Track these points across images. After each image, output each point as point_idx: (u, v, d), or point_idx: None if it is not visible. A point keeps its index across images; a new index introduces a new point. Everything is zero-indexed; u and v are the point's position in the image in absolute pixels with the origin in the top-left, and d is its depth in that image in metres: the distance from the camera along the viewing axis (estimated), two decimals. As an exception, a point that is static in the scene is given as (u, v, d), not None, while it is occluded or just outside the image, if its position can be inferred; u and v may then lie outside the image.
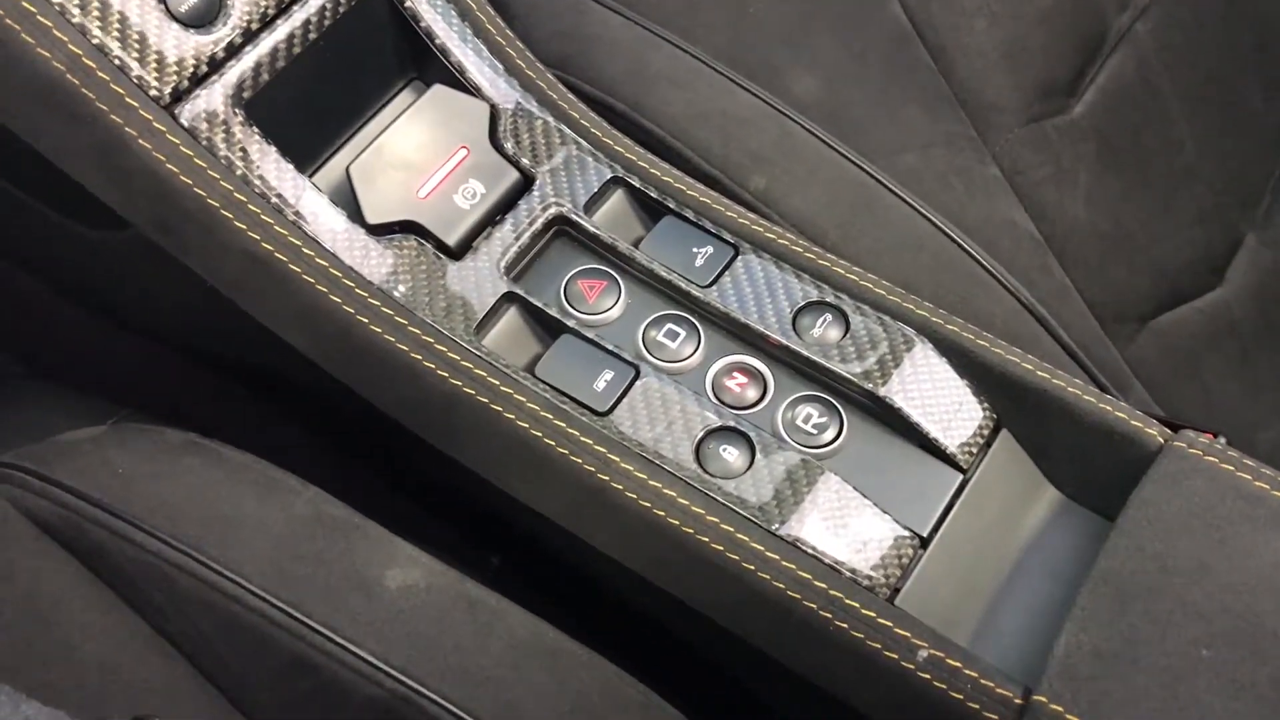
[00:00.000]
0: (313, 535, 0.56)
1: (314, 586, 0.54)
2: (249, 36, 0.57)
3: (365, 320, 0.55)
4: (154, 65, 0.55)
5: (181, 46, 0.55)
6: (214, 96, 0.56)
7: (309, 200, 0.56)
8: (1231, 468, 0.50)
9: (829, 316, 0.56)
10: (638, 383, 0.54)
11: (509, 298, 0.57)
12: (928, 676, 0.47)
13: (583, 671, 0.54)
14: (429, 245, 0.57)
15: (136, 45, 0.54)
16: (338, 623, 0.53)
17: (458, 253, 0.57)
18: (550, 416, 0.53)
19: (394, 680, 0.52)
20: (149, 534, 0.55)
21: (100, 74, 0.53)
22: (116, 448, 0.60)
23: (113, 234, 0.66)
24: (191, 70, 0.55)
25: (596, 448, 0.52)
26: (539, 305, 0.56)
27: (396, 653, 0.52)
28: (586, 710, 0.53)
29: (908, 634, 0.48)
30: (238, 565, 0.54)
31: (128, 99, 0.54)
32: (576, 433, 0.53)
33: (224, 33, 0.56)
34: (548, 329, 0.57)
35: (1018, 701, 0.46)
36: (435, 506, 0.77)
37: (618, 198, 0.61)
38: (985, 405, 0.55)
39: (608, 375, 0.54)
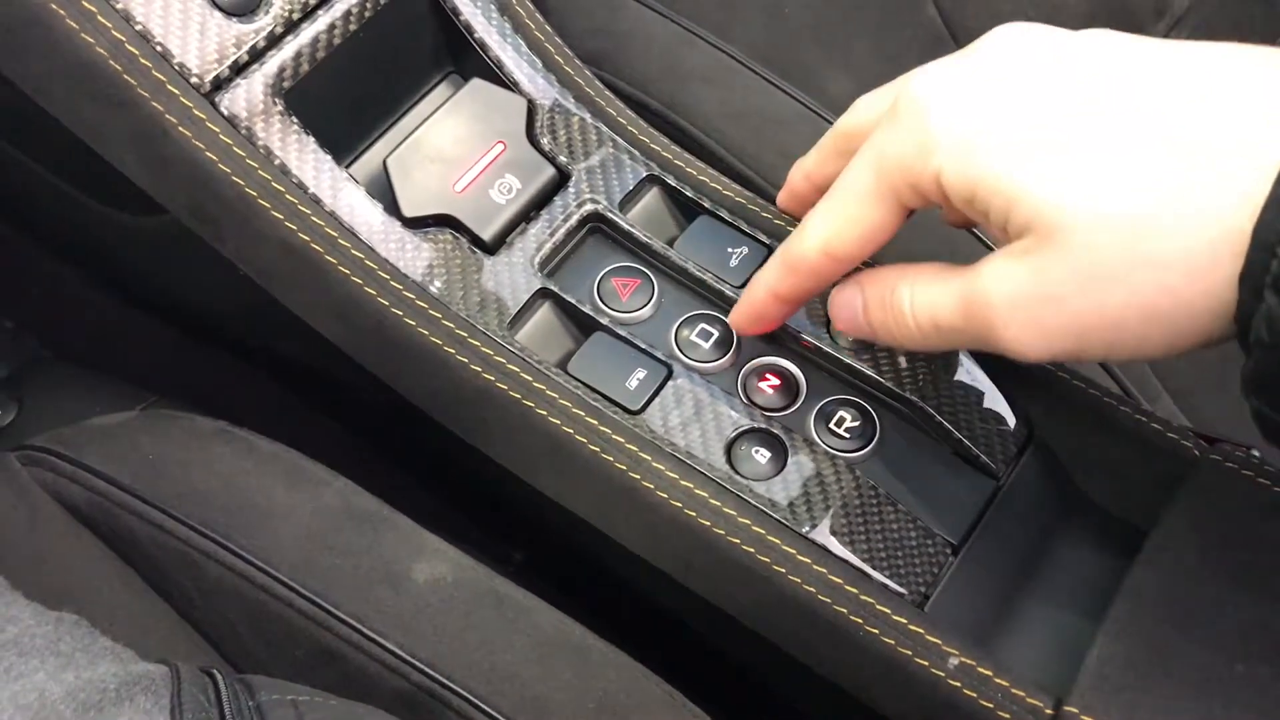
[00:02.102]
0: (341, 526, 0.56)
1: (342, 577, 0.54)
2: (290, 26, 0.57)
3: (399, 313, 0.55)
4: (195, 53, 0.55)
5: (223, 35, 0.55)
6: (254, 86, 0.56)
7: (346, 191, 0.56)
8: (1268, 482, 0.50)
9: None
10: (670, 382, 0.54)
11: (542, 294, 0.57)
12: (958, 684, 0.47)
13: (609, 670, 0.54)
14: (464, 239, 0.57)
15: (179, 32, 0.54)
16: (365, 614, 0.53)
17: (492, 247, 0.57)
18: (582, 414, 0.53)
19: (420, 673, 0.52)
20: (178, 520, 0.55)
21: (142, 60, 0.53)
22: (147, 433, 0.60)
23: (146, 220, 0.66)
24: (232, 59, 0.55)
25: (628, 446, 0.52)
26: (572, 302, 0.56)
27: (423, 646, 0.52)
28: (613, 708, 0.52)
29: (939, 641, 0.47)
30: (266, 554, 0.54)
31: (169, 86, 0.54)
32: (608, 431, 0.53)
33: (265, 22, 0.56)
34: (580, 326, 0.57)
35: (1048, 711, 0.46)
36: (459, 501, 0.77)
37: (653, 196, 0.60)
38: (1020, 413, 0.54)
39: (640, 374, 0.54)
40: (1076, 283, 0.39)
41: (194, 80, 0.55)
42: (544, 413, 0.53)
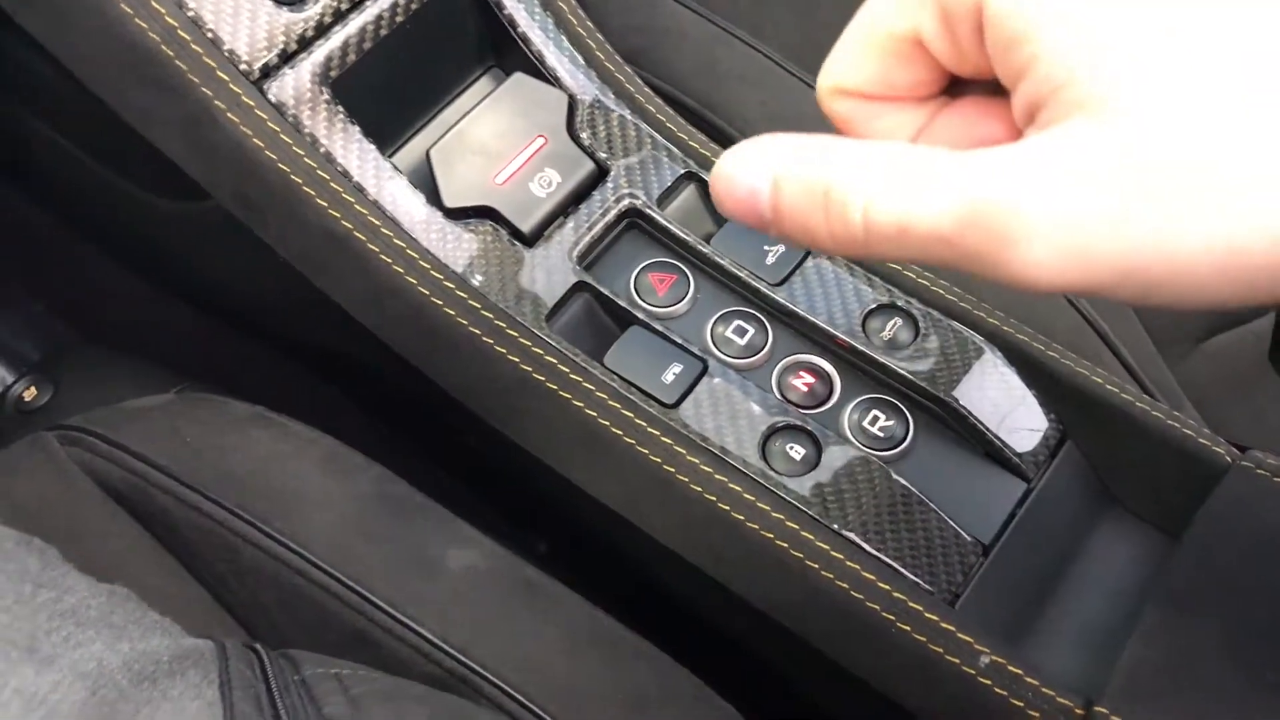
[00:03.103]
0: (377, 513, 0.56)
1: (376, 563, 0.55)
2: (338, 16, 0.58)
3: (439, 302, 0.55)
4: (245, 40, 0.55)
5: (273, 23, 0.56)
6: (302, 74, 0.57)
7: (389, 181, 0.57)
8: None
9: (899, 320, 0.56)
10: (705, 377, 0.55)
11: (580, 287, 0.57)
12: (989, 682, 0.47)
13: (640, 662, 0.54)
14: (503, 231, 0.58)
15: (230, 20, 0.55)
16: (399, 600, 0.53)
17: (531, 240, 0.58)
18: (618, 406, 0.53)
19: (453, 660, 0.52)
20: (215, 503, 0.56)
21: (194, 46, 0.54)
22: (185, 416, 0.60)
23: (186, 206, 0.67)
24: (281, 47, 0.56)
25: (663, 439, 0.53)
26: (609, 295, 0.57)
27: (456, 633, 0.53)
28: (642, 701, 0.53)
29: (970, 639, 0.48)
30: (302, 538, 0.55)
31: (219, 72, 0.54)
32: (644, 423, 0.53)
33: (314, 11, 0.57)
34: (617, 319, 0.57)
35: (1079, 712, 0.46)
36: (485, 492, 0.78)
37: (690, 192, 0.61)
38: (1052, 416, 0.55)
39: (676, 368, 0.55)
40: (1160, 199, 0.28)
41: (243, 67, 0.55)
42: (580, 404, 0.54)
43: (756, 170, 0.34)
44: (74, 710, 0.34)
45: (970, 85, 0.36)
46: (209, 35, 0.55)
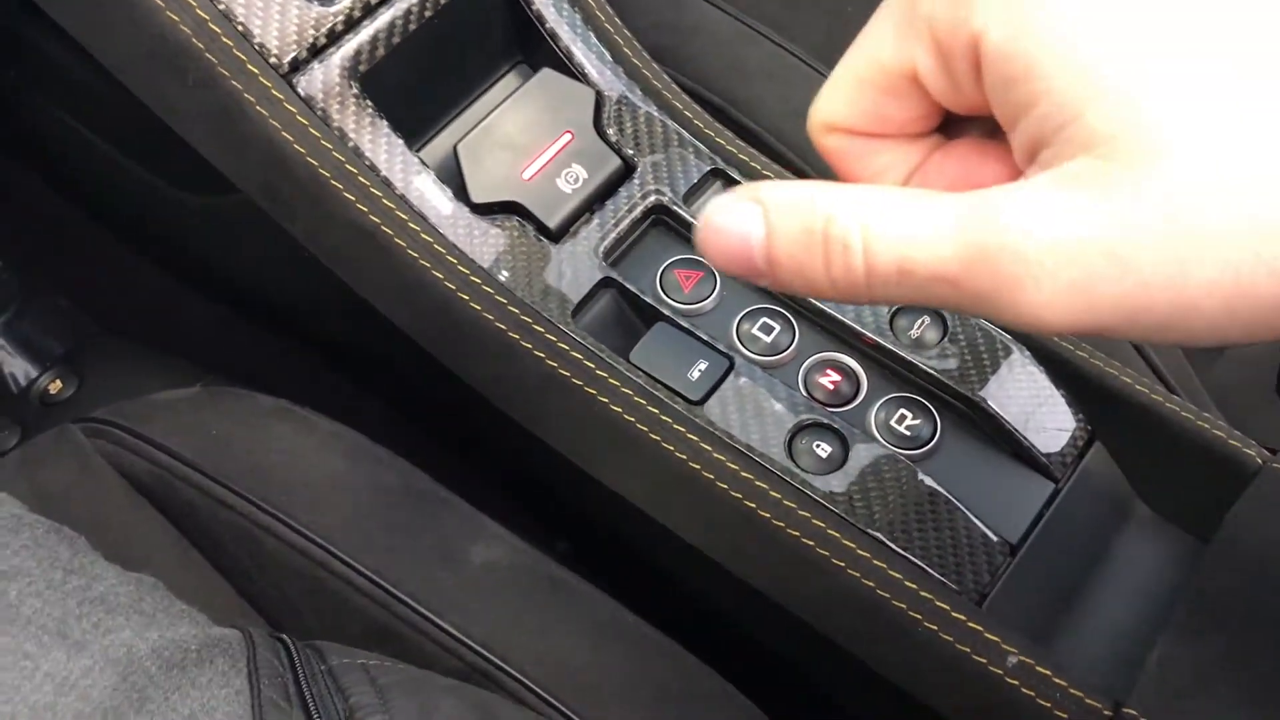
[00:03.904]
0: (401, 506, 0.57)
1: (400, 556, 0.55)
2: (367, 10, 0.58)
3: (466, 297, 0.55)
4: (275, 34, 0.55)
5: (303, 17, 0.56)
6: (331, 68, 0.57)
7: (416, 176, 0.57)
8: None
9: (927, 319, 0.56)
10: (731, 374, 0.54)
11: (606, 283, 0.57)
12: (1016, 682, 0.47)
13: (663, 659, 0.54)
14: (530, 227, 0.58)
15: (260, 13, 0.55)
16: (422, 593, 0.53)
17: (557, 236, 0.58)
18: (644, 403, 0.53)
19: (475, 654, 0.52)
20: (239, 495, 0.56)
21: (224, 39, 0.54)
22: (209, 409, 0.61)
23: (212, 200, 0.67)
24: (311, 40, 0.56)
25: (689, 436, 0.52)
26: (635, 292, 0.57)
27: (479, 627, 0.53)
28: (665, 697, 0.53)
29: (998, 639, 0.47)
30: (326, 531, 0.55)
31: (249, 65, 0.54)
32: (670, 420, 0.53)
33: (344, 5, 0.57)
34: (643, 316, 0.57)
35: (1107, 713, 0.46)
36: (506, 488, 0.78)
37: (716, 189, 0.61)
38: (1080, 416, 0.54)
39: (702, 365, 0.55)
40: (1166, 238, 0.27)
41: (273, 60, 0.55)
42: (606, 400, 0.54)
43: (748, 217, 0.32)
44: (104, 695, 0.34)
45: (965, 124, 0.35)
46: (239, 28, 0.55)
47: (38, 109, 0.75)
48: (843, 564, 0.50)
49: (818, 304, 0.56)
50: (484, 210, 0.58)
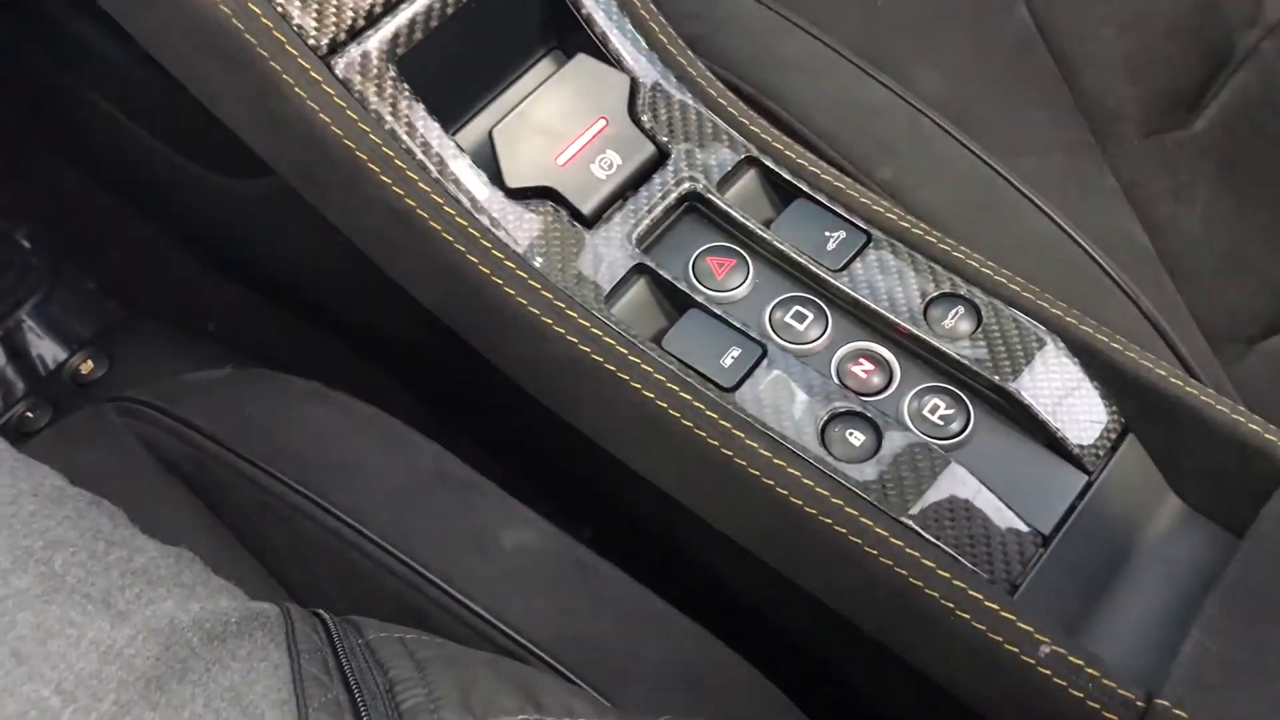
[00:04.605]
0: (433, 490, 0.57)
1: (432, 540, 0.55)
2: None
3: (499, 281, 0.55)
4: (314, 15, 0.56)
5: None
6: (369, 50, 0.57)
7: (452, 160, 0.57)
8: None
9: (961, 309, 0.56)
10: (764, 361, 0.54)
11: (639, 269, 0.57)
12: (1048, 672, 0.47)
13: (693, 644, 0.54)
14: (564, 212, 0.58)
15: None
16: (453, 576, 0.53)
17: (591, 222, 0.58)
18: (676, 389, 0.53)
19: (505, 637, 0.52)
20: (272, 476, 0.56)
21: (263, 20, 0.54)
22: (243, 391, 0.61)
23: (245, 183, 0.67)
24: (350, 22, 0.56)
25: (722, 423, 0.52)
26: (668, 278, 0.57)
27: (509, 611, 0.53)
28: (694, 683, 0.53)
29: (1030, 628, 0.47)
30: (358, 513, 0.55)
31: (287, 46, 0.55)
32: (702, 407, 0.53)
33: None
34: (675, 303, 0.57)
35: (1139, 704, 0.45)
36: (532, 475, 0.78)
37: (750, 177, 0.61)
38: (1113, 409, 0.54)
39: (734, 352, 0.55)
40: None
41: (311, 42, 0.56)
42: (638, 386, 0.54)
43: None
44: (148, 665, 0.34)
45: None
46: (278, 9, 0.55)
47: (69, 92, 0.76)
48: (875, 552, 0.49)
49: (851, 292, 0.56)
50: (519, 195, 0.58)
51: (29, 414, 0.84)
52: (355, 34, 0.57)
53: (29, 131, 0.87)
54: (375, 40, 0.57)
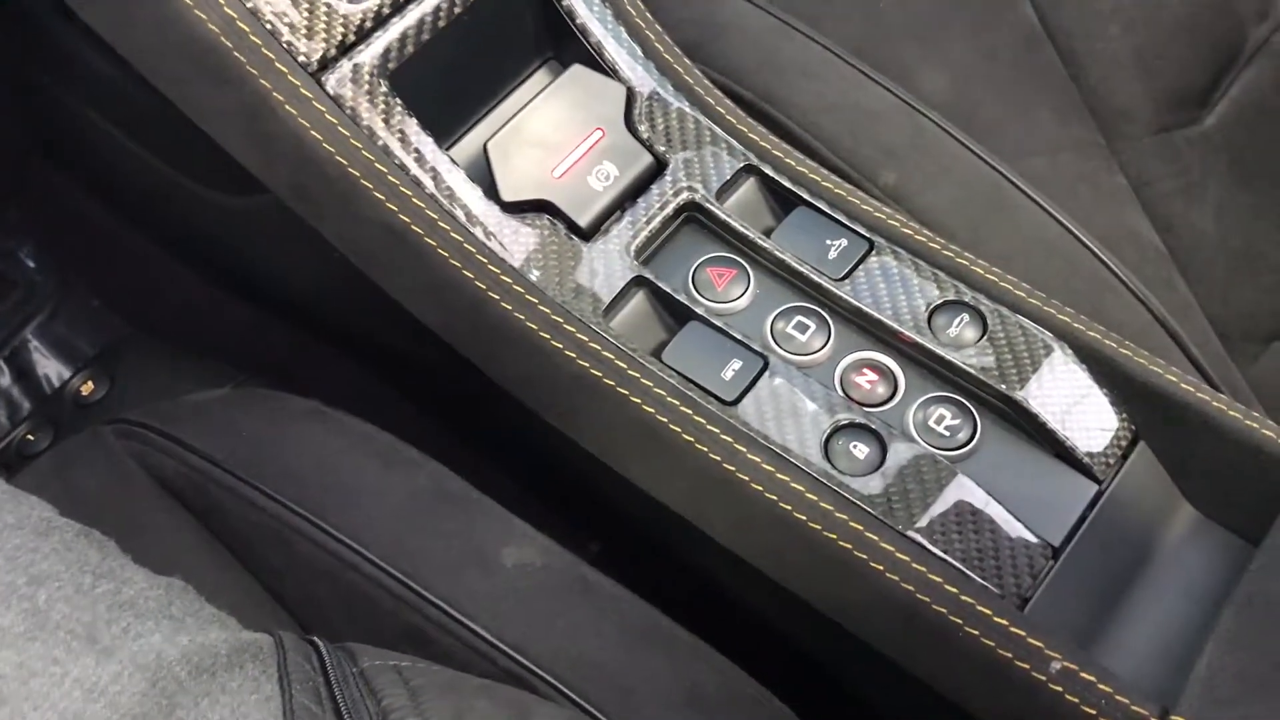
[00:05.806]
0: (433, 508, 0.56)
1: (432, 559, 0.54)
2: (396, 8, 0.57)
3: (496, 297, 0.54)
4: (304, 32, 0.55)
5: (331, 14, 0.56)
6: (360, 65, 0.56)
7: (446, 175, 0.56)
8: None
9: (966, 317, 0.55)
10: (765, 374, 0.54)
11: (638, 282, 0.56)
12: (1060, 689, 0.46)
13: (698, 662, 0.53)
14: (561, 225, 0.57)
15: (288, 10, 0.55)
16: (454, 596, 0.53)
17: (589, 234, 0.57)
18: (677, 403, 0.53)
19: (507, 658, 0.52)
20: (270, 497, 0.56)
21: (253, 38, 0.54)
22: (241, 411, 0.60)
23: (241, 200, 0.67)
24: (340, 38, 0.56)
25: (724, 437, 0.52)
26: (667, 290, 0.56)
27: (511, 630, 0.52)
28: (700, 701, 0.52)
29: (1041, 644, 0.46)
30: (357, 533, 0.55)
31: (277, 64, 0.54)
32: (703, 421, 0.52)
33: (372, 3, 0.57)
34: (675, 315, 0.56)
35: None
36: (537, 490, 0.77)
37: (749, 186, 0.60)
38: (1124, 416, 0.53)
39: (735, 364, 0.54)
40: None
41: (301, 59, 0.55)
42: (638, 400, 0.53)
43: None
44: (134, 702, 0.33)
45: None
46: (267, 26, 0.55)
47: (69, 111, 0.76)
48: (881, 567, 0.49)
49: (854, 301, 0.55)
50: (514, 209, 0.57)
51: (30, 436, 0.85)
52: (346, 49, 0.56)
53: (33, 150, 0.87)
54: (366, 55, 0.56)
